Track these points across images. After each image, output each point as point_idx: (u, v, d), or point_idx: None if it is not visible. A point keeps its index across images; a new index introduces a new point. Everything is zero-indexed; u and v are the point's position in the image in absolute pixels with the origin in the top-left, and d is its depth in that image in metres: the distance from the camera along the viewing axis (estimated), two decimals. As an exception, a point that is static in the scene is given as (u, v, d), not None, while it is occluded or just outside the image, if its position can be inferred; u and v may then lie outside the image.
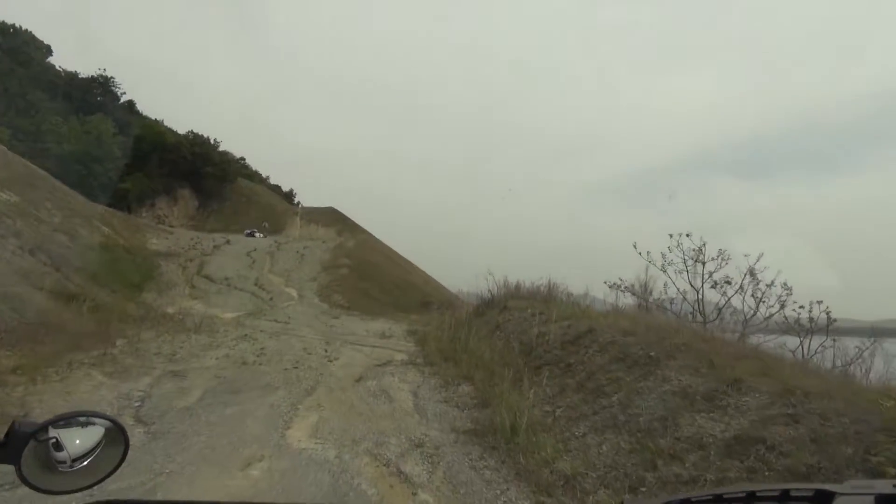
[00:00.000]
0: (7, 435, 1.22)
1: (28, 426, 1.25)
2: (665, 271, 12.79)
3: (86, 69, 65.18)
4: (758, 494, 1.19)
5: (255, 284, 24.76)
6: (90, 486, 1.35)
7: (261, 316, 18.43)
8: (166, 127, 57.89)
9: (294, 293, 24.26)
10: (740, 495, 1.20)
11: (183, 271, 26.59)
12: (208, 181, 56.07)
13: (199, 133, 58.43)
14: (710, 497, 1.21)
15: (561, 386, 8.47)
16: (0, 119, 49.31)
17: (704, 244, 12.22)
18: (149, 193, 52.48)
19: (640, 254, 13.34)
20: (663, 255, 12.66)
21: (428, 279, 43.83)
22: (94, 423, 1.41)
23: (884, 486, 1.13)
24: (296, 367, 10.14)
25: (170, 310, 17.99)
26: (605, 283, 14.28)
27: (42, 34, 63.85)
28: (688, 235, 12.45)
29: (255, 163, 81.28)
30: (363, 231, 53.55)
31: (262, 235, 44.66)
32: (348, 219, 60.22)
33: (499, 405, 7.61)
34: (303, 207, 64.66)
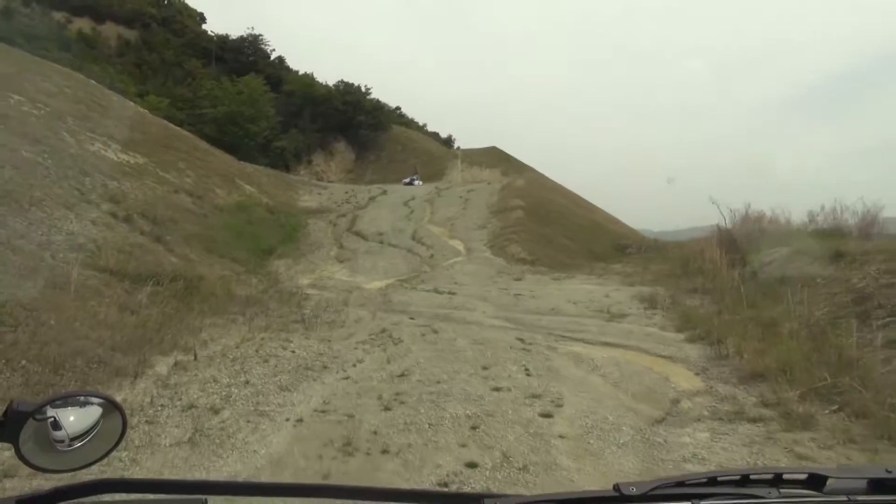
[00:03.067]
0: (5, 414, 1.20)
1: (26, 405, 1.22)
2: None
3: (236, 31, 64.56)
4: (751, 477, 1.17)
5: (413, 238, 20.07)
6: (89, 465, 1.32)
7: (417, 283, 13.56)
8: (315, 79, 55.34)
9: (460, 246, 19.22)
10: (734, 478, 1.18)
11: (333, 228, 22.69)
12: (362, 131, 52.95)
13: (349, 82, 55.28)
14: (705, 479, 1.17)
15: None
16: (160, 89, 49.64)
17: None
18: (304, 150, 50.56)
19: None
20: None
21: (610, 218, 37.28)
22: (91, 403, 1.38)
23: (876, 470, 1.16)
24: (473, 432, 4.84)
25: (304, 280, 13.67)
26: None
27: (194, 2, 63.39)
28: None
29: (410, 112, 77.78)
30: (530, 170, 47.65)
31: (420, 183, 40.40)
32: (512, 158, 54.56)
33: None
34: (462, 150, 59.89)
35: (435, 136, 74.99)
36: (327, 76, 59.07)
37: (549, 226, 22.65)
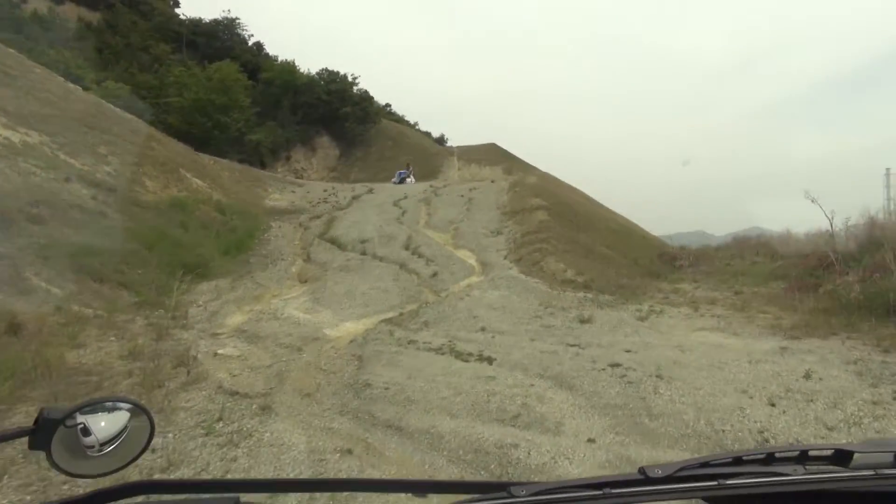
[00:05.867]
0: (36, 422, 1.20)
1: (56, 412, 1.23)
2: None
3: (212, 14, 58.68)
4: (777, 455, 1.16)
5: (407, 248, 14.83)
6: (120, 469, 1.33)
7: (416, 328, 8.41)
8: (296, 67, 49.82)
9: (471, 259, 13.99)
10: (759, 456, 1.16)
11: (302, 234, 17.47)
12: (348, 125, 47.52)
13: (333, 70, 49.89)
14: (730, 459, 1.15)
15: None
16: (123, 76, 44.40)
17: None
18: (283, 144, 45.28)
19: None
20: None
21: (629, 221, 32.38)
22: (119, 408, 1.38)
23: None
24: None
25: (231, 320, 8.51)
26: None
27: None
28: None
29: (401, 110, 72.19)
30: (534, 167, 42.61)
31: (413, 180, 35.24)
32: (513, 155, 49.55)
33: None
34: (458, 147, 54.65)
35: (427, 135, 69.63)
36: (311, 67, 53.38)
37: (582, 231, 17.48)
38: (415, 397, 5.59)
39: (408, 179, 35.56)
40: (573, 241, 15.39)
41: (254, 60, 50.51)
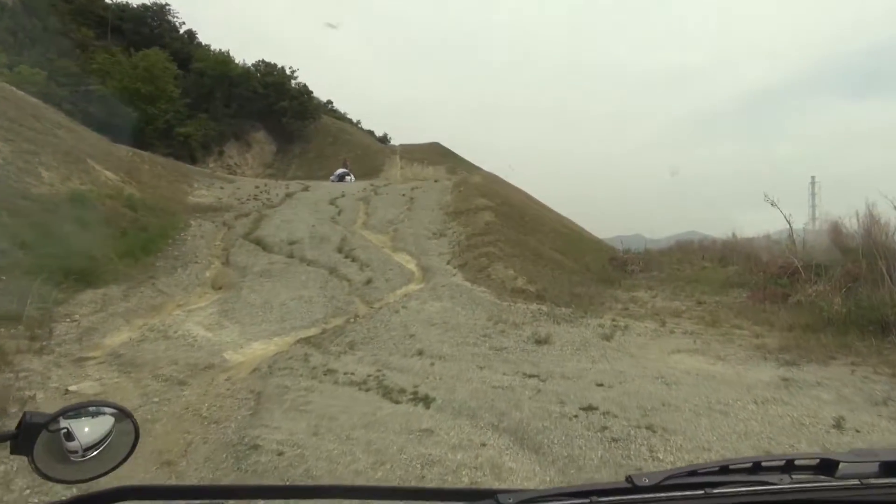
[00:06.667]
0: (19, 427, 1.19)
1: (39, 417, 1.22)
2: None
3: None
4: (763, 464, 1.16)
5: (340, 251, 13.34)
6: (103, 474, 1.32)
7: (340, 351, 7.00)
8: (231, 58, 47.25)
9: (411, 264, 12.62)
10: (746, 465, 1.17)
11: (224, 234, 15.75)
12: (286, 119, 45.39)
13: (271, 62, 47.63)
14: (717, 468, 1.16)
15: None
16: (40, 61, 41.10)
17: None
18: (215, 139, 42.83)
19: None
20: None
21: (576, 225, 31.71)
22: (103, 413, 1.38)
23: (888, 454, 1.15)
24: None
25: (111, 340, 6.89)
26: None
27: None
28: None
29: (343, 108, 69.81)
30: (479, 168, 41.57)
31: (353, 179, 33.65)
32: (457, 155, 48.51)
33: None
34: (401, 145, 53.14)
35: (370, 134, 67.69)
36: (249, 59, 50.66)
37: (530, 234, 16.34)
38: (317, 471, 4.15)
39: (347, 178, 33.93)
40: (521, 244, 14.20)
41: (185, 49, 47.78)
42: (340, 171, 34.81)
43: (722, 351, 7.08)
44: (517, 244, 13.94)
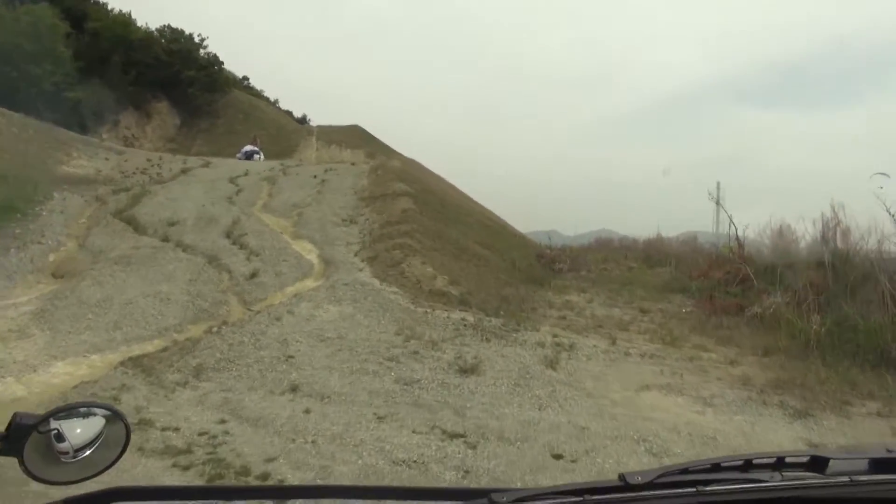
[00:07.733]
0: (8, 428, 1.17)
1: (29, 418, 1.19)
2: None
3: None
4: (754, 462, 1.16)
5: (228, 236, 11.28)
6: (95, 475, 1.28)
7: (178, 381, 5.15)
8: (132, 20, 43.12)
9: (312, 255, 10.71)
10: (737, 463, 1.16)
11: (94, 210, 13.30)
12: (192, 91, 41.88)
13: (177, 28, 43.86)
14: (708, 465, 1.16)
15: None
16: None
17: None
18: (111, 107, 38.90)
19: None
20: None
21: (499, 218, 30.55)
22: (94, 414, 1.34)
23: (877, 451, 1.16)
24: None
25: None
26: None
27: None
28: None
29: (260, 85, 65.84)
30: (399, 154, 39.76)
31: (262, 157, 31.15)
32: (378, 139, 46.40)
33: None
34: (319, 126, 50.44)
35: (288, 113, 64.23)
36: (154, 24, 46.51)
37: (451, 225, 14.72)
38: None
39: (256, 156, 31.39)
40: (442, 236, 12.54)
41: (79, 7, 43.15)
42: (248, 148, 32.14)
43: (702, 388, 5.63)
44: (437, 236, 12.27)
